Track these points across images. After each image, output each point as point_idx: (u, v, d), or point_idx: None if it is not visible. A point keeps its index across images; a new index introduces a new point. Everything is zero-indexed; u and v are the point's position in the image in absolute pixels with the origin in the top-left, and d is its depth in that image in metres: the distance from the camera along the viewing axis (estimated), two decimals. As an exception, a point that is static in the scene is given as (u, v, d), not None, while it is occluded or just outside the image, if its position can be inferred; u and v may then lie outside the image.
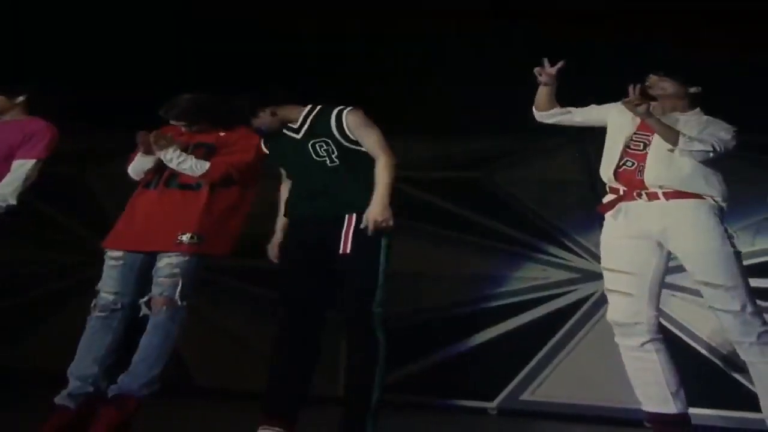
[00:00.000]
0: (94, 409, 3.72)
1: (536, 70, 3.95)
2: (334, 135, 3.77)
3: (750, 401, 3.84)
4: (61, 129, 4.32)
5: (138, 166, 4.07)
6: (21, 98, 4.29)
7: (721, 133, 3.68)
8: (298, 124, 3.86)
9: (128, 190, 4.11)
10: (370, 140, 3.77)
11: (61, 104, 4.44)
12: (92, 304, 3.89)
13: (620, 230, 3.74)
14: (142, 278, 3.89)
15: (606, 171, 3.81)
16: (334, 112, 3.81)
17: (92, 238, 4.04)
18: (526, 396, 6.08)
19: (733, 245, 3.61)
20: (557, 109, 4.04)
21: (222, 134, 4.05)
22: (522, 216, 6.41)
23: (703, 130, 3.68)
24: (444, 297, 6.40)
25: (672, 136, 3.61)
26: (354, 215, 3.70)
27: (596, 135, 4.17)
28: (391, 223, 3.67)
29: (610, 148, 3.83)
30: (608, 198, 3.81)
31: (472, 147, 6.57)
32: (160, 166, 4.02)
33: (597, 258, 6.00)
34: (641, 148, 3.73)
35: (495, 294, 6.35)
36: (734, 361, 5.42)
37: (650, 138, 3.72)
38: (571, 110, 4.04)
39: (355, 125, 3.78)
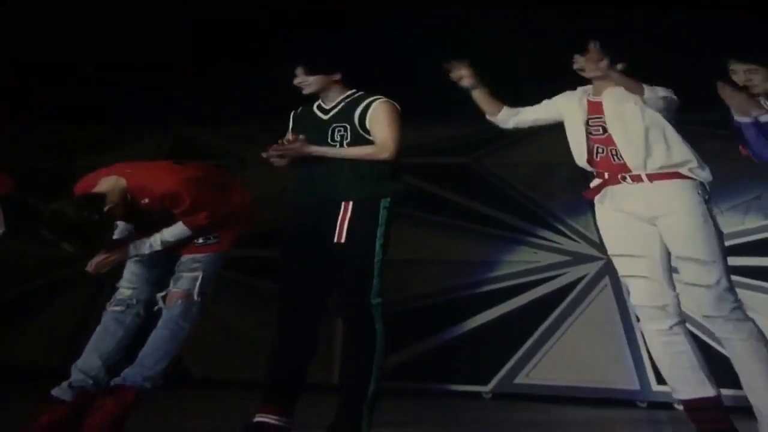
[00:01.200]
0: (90, 402, 3.71)
1: (451, 75, 3.91)
2: (354, 121, 3.75)
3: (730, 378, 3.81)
4: (49, 122, 4.29)
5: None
6: None
7: (662, 92, 3.68)
8: (331, 106, 3.83)
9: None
10: (381, 133, 3.72)
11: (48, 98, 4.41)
12: (110, 301, 3.89)
13: (612, 214, 3.74)
14: (161, 275, 3.89)
15: (580, 160, 3.80)
16: (367, 100, 3.79)
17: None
18: (520, 379, 6.09)
19: (715, 225, 3.62)
20: (506, 111, 4.01)
21: (145, 201, 3.76)
22: (512, 200, 6.41)
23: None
24: (434, 283, 6.41)
25: (637, 86, 3.61)
26: (350, 204, 3.70)
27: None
28: (284, 158, 3.70)
29: (574, 138, 3.80)
30: (594, 183, 3.81)
31: (461, 132, 6.55)
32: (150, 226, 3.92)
33: (588, 240, 6.09)
34: (601, 132, 3.73)
35: (486, 279, 6.36)
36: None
37: (604, 119, 3.71)
38: (521, 110, 4.01)
39: (375, 116, 3.74)
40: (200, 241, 3.85)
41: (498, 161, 6.48)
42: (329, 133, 3.76)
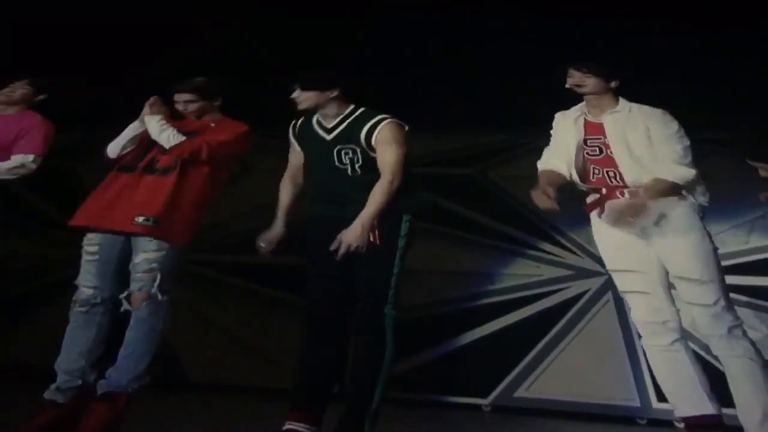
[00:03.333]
0: (83, 403, 3.71)
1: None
2: (361, 144, 3.71)
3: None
4: (54, 122, 4.32)
5: (120, 137, 4.05)
6: (41, 97, 4.31)
7: (677, 147, 3.65)
8: (332, 124, 3.79)
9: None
10: (386, 157, 3.69)
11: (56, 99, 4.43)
12: (73, 299, 3.88)
13: (609, 229, 3.73)
14: (119, 272, 3.88)
15: (577, 178, 3.80)
16: (372, 121, 3.73)
17: (82, 232, 4.04)
18: (520, 393, 6.07)
19: (711, 242, 3.64)
20: (563, 177, 3.93)
21: (212, 125, 4.05)
22: (514, 212, 6.39)
23: (660, 137, 3.66)
24: (435, 293, 6.38)
25: (667, 190, 3.60)
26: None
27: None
28: (363, 250, 3.63)
29: (572, 157, 3.79)
30: (592, 198, 3.80)
31: (464, 143, 6.55)
32: (142, 151, 4.00)
33: (590, 255, 6.06)
34: (597, 153, 3.74)
35: (488, 291, 6.34)
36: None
37: (604, 141, 3.71)
38: (560, 167, 3.92)
39: (382, 139, 3.69)
40: (138, 220, 3.81)
41: (501, 173, 6.46)
42: (335, 156, 3.74)
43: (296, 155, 3.97)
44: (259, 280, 6.49)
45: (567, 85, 3.80)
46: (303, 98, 3.77)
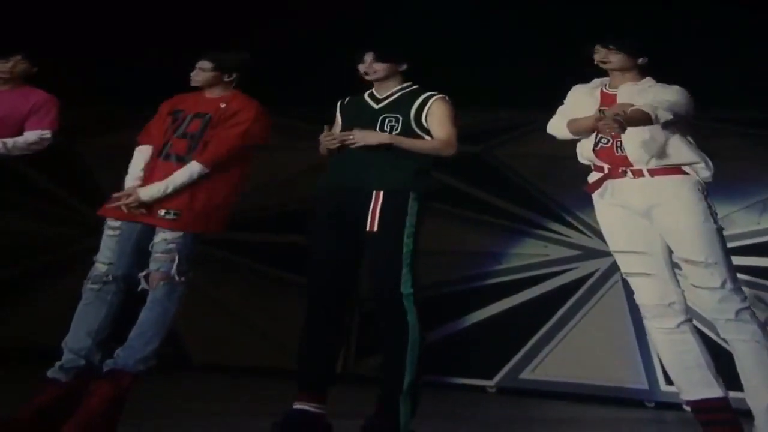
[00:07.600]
0: (86, 383, 3.68)
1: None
2: (409, 114, 3.79)
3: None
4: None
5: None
6: (35, 69, 4.29)
7: (675, 97, 3.56)
8: (384, 95, 3.87)
9: (121, 162, 4.03)
10: (444, 130, 3.78)
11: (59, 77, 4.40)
12: (87, 276, 3.86)
13: (612, 210, 3.68)
14: (138, 250, 3.84)
15: (584, 151, 3.75)
16: (424, 95, 3.83)
17: (85, 210, 3.99)
18: (525, 374, 6.06)
19: (715, 221, 3.56)
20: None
21: (222, 105, 3.95)
22: (522, 191, 6.36)
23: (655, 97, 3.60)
24: (443, 274, 6.35)
25: (647, 120, 3.52)
26: (381, 193, 3.70)
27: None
28: (355, 143, 3.70)
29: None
30: (594, 176, 3.75)
31: (472, 121, 6.48)
32: (164, 138, 3.95)
33: (599, 235, 5.94)
34: None
35: (494, 271, 6.32)
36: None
37: None
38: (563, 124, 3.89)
39: (436, 112, 3.78)
40: (161, 213, 3.79)
41: (509, 151, 6.43)
42: (378, 123, 3.79)
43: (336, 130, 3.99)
44: (264, 260, 6.46)
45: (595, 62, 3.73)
46: (376, 68, 3.84)
